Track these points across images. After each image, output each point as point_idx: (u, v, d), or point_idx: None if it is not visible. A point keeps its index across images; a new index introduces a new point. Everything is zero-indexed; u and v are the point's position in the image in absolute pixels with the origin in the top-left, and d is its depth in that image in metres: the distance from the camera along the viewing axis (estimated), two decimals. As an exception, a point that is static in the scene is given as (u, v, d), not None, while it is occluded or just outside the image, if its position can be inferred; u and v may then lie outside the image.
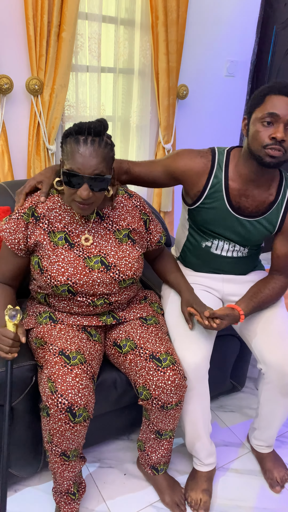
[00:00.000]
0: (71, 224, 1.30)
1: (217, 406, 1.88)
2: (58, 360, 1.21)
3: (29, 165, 2.04)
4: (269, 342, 1.38)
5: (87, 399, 1.18)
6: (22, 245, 1.28)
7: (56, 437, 1.17)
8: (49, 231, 1.28)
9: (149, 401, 1.27)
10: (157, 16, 2.11)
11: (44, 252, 1.27)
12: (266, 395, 1.42)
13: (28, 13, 1.79)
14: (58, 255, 1.27)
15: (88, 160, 1.13)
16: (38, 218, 1.27)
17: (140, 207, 1.39)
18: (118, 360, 1.36)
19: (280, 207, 1.40)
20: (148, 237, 1.42)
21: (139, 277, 1.37)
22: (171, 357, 1.28)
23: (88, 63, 2.10)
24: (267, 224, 1.42)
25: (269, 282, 1.45)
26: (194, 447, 1.45)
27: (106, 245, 1.31)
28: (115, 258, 1.30)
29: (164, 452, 1.42)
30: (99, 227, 1.32)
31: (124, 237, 1.34)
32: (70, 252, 1.28)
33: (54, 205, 1.30)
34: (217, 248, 1.49)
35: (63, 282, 1.25)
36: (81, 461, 1.30)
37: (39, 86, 1.93)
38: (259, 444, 1.55)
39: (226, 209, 1.39)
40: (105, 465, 1.57)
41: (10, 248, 1.28)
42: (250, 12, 2.58)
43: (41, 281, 1.28)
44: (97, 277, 1.27)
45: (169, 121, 2.40)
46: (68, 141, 1.16)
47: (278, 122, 1.20)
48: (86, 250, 1.29)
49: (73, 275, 1.26)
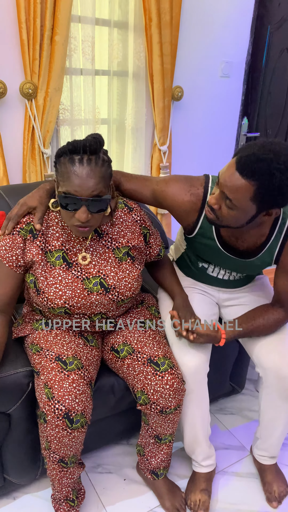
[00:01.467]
0: (68, 242, 1.25)
1: (217, 409, 1.86)
2: (55, 365, 1.20)
3: (24, 169, 2.03)
4: (265, 345, 1.36)
5: (84, 405, 1.17)
6: (22, 261, 1.23)
7: (54, 444, 1.16)
8: (46, 251, 1.23)
9: (148, 406, 1.26)
10: (151, 18, 2.10)
11: (39, 273, 1.23)
12: (266, 400, 1.40)
13: (20, 16, 1.78)
14: (55, 276, 1.23)
15: (86, 182, 1.07)
16: (36, 235, 1.22)
17: (140, 222, 1.35)
18: (116, 365, 1.35)
19: (274, 247, 1.31)
20: (148, 250, 1.40)
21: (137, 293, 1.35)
22: (169, 361, 1.27)
23: (82, 66, 2.09)
24: (261, 263, 1.37)
25: (267, 312, 1.37)
26: (193, 450, 1.44)
27: (106, 264, 1.27)
28: (114, 279, 1.26)
29: (164, 457, 1.41)
30: (98, 244, 1.28)
31: (124, 256, 1.30)
32: (68, 273, 1.23)
33: (51, 221, 1.25)
34: (213, 271, 1.48)
35: (60, 305, 1.22)
36: (80, 467, 1.28)
37: (33, 90, 1.92)
38: (262, 454, 1.52)
39: (219, 249, 1.36)
40: (105, 470, 1.56)
41: (8, 266, 1.22)
42: (244, 12, 2.57)
43: (37, 300, 1.25)
44: (96, 299, 1.25)
45: (165, 123, 2.39)
46: (62, 161, 1.10)
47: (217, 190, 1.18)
48: (85, 270, 1.25)
49: (71, 298, 1.22)
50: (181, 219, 1.37)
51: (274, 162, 1.05)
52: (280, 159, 1.05)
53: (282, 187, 1.07)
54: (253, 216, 1.15)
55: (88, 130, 2.22)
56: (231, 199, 1.12)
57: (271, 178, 1.06)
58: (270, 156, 1.05)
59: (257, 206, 1.12)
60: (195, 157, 2.77)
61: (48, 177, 2.10)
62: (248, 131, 2.92)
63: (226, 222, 1.19)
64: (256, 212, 1.14)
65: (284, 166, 1.05)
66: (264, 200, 1.10)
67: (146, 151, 2.47)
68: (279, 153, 1.06)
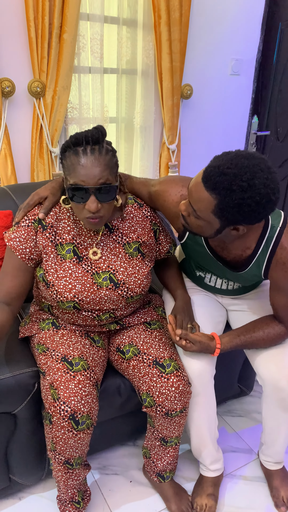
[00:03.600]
0: (79, 236, 1.25)
1: (224, 411, 1.84)
2: (61, 366, 1.19)
3: (33, 168, 2.03)
4: (264, 356, 1.32)
5: (90, 406, 1.16)
6: (34, 254, 1.22)
7: (59, 445, 1.15)
8: (56, 244, 1.23)
9: (153, 408, 1.24)
10: (160, 15, 2.08)
11: (50, 266, 1.22)
12: (266, 409, 1.37)
13: (29, 15, 1.77)
14: (65, 269, 1.22)
15: (91, 170, 1.07)
16: (46, 227, 1.22)
17: (150, 217, 1.35)
18: (122, 366, 1.33)
19: (261, 261, 1.24)
20: (158, 247, 1.39)
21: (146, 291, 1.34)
22: (175, 363, 1.26)
23: (91, 64, 2.08)
24: (251, 277, 1.31)
25: (268, 325, 1.30)
26: (200, 453, 1.42)
27: (116, 259, 1.26)
28: (124, 275, 1.26)
29: (170, 459, 1.39)
30: (108, 239, 1.27)
31: (134, 251, 1.29)
32: (78, 267, 1.23)
33: (63, 215, 1.25)
34: (211, 281, 1.45)
35: (69, 299, 1.21)
36: (86, 469, 1.28)
37: (41, 89, 1.91)
38: (267, 460, 1.50)
39: (209, 256, 1.31)
40: (111, 472, 1.55)
41: (20, 258, 1.21)
42: (255, 9, 2.54)
43: (46, 294, 1.25)
44: (105, 295, 1.24)
45: (174, 122, 2.37)
46: (67, 155, 1.10)
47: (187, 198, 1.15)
48: (95, 264, 1.24)
49: (80, 292, 1.21)
50: (172, 221, 1.33)
51: (237, 178, 0.98)
52: (244, 175, 0.98)
53: (242, 205, 1.00)
54: (218, 229, 1.10)
55: (96, 128, 2.20)
56: (195, 209, 1.08)
57: (231, 195, 1.00)
58: (234, 171, 0.99)
59: (220, 221, 1.07)
60: (204, 156, 2.74)
61: (56, 176, 2.10)
62: (258, 129, 2.88)
63: (195, 230, 1.16)
64: (220, 226, 1.09)
65: (247, 184, 0.98)
66: (225, 216, 1.04)
67: (154, 150, 2.45)
68: (245, 169, 0.98)
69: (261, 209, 1.01)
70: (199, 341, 1.24)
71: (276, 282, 1.24)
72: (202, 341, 1.24)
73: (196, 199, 1.07)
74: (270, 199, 1.01)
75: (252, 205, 1.00)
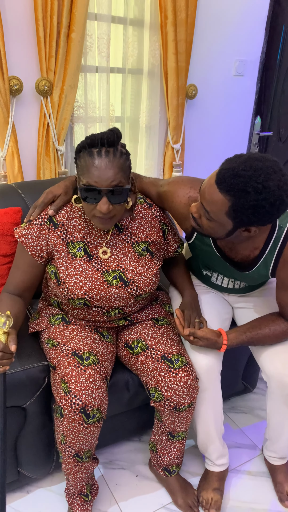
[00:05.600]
0: (90, 234, 1.27)
1: (228, 407, 1.86)
2: (71, 360, 1.20)
3: (39, 166, 2.04)
4: (269, 352, 1.34)
5: (100, 400, 1.17)
6: (45, 252, 1.24)
7: (70, 438, 1.17)
8: (67, 242, 1.24)
9: (161, 403, 1.26)
10: (166, 15, 2.10)
11: (61, 264, 1.24)
12: (271, 406, 1.39)
13: (37, 14, 1.79)
14: (76, 267, 1.24)
15: (105, 172, 1.09)
16: (57, 225, 1.24)
17: (159, 217, 1.36)
18: (130, 361, 1.35)
19: (268, 261, 1.26)
20: (166, 247, 1.41)
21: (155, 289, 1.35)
22: (183, 358, 1.28)
23: (97, 63, 2.09)
24: (258, 276, 1.33)
25: (274, 322, 1.31)
26: (206, 448, 1.44)
27: (125, 258, 1.28)
28: (133, 274, 1.27)
29: (177, 454, 1.41)
30: (117, 239, 1.29)
31: (143, 250, 1.31)
32: (89, 265, 1.25)
33: (74, 214, 1.26)
34: (217, 280, 1.47)
35: (80, 296, 1.23)
36: (94, 462, 1.29)
37: (49, 87, 1.93)
38: (271, 455, 1.52)
39: (217, 256, 1.34)
40: (117, 466, 1.57)
41: (31, 255, 1.24)
42: (259, 10, 2.56)
43: (57, 291, 1.27)
44: (115, 293, 1.26)
45: (178, 121, 2.39)
46: (81, 156, 1.12)
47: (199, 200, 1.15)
48: (105, 263, 1.26)
49: (91, 290, 1.23)
50: (180, 222, 1.34)
51: (252, 180, 0.99)
52: (259, 177, 0.99)
53: (256, 207, 1.02)
54: (230, 231, 1.12)
55: (102, 127, 2.22)
56: (208, 211, 1.10)
57: (246, 196, 1.01)
58: (249, 173, 1.00)
59: (233, 222, 1.09)
60: (208, 155, 2.76)
61: (62, 174, 2.11)
62: (260, 130, 2.90)
63: (206, 232, 1.17)
64: (233, 227, 1.11)
65: (262, 186, 0.99)
66: (239, 218, 1.06)
67: (159, 149, 2.47)
68: (259, 171, 1.00)
69: (274, 210, 1.03)
70: (207, 338, 1.26)
71: (283, 281, 1.26)
72: (210, 337, 1.26)
73: (210, 201, 1.08)
74: (283, 200, 1.02)
75: (266, 207, 1.01)
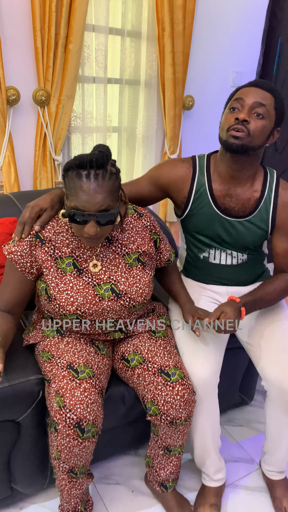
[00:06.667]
0: (78, 248, 1.25)
1: (225, 420, 1.84)
2: (66, 374, 1.19)
3: (35, 176, 2.04)
4: (269, 358, 1.34)
5: (96, 414, 1.15)
6: (34, 269, 1.23)
7: (64, 453, 1.14)
8: (56, 257, 1.23)
9: (158, 417, 1.24)
10: (164, 27, 2.12)
11: (51, 280, 1.22)
12: (270, 414, 1.38)
13: (35, 25, 1.80)
14: (66, 283, 1.22)
15: (93, 197, 1.07)
16: (44, 241, 1.22)
17: (150, 227, 1.35)
18: (126, 374, 1.33)
19: (268, 203, 1.38)
20: (158, 256, 1.40)
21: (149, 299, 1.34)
22: (180, 372, 1.26)
23: (95, 74, 2.10)
24: (259, 223, 1.40)
25: (274, 281, 1.42)
26: (203, 462, 1.42)
27: (116, 270, 1.27)
28: (125, 285, 1.26)
29: (173, 469, 1.39)
30: (108, 251, 1.27)
31: (134, 261, 1.29)
32: (79, 280, 1.23)
33: (61, 228, 1.24)
34: (215, 257, 1.47)
35: (72, 312, 1.22)
36: (89, 478, 1.27)
37: (46, 97, 1.93)
38: (270, 469, 1.50)
39: (214, 212, 1.39)
40: (112, 481, 1.54)
41: (21, 271, 1.22)
42: (256, 23, 2.59)
43: (49, 307, 1.25)
44: (107, 306, 1.24)
45: (175, 132, 2.40)
46: (70, 175, 1.09)
47: (243, 107, 1.27)
48: (95, 276, 1.25)
49: (83, 305, 1.22)
50: (177, 191, 1.42)
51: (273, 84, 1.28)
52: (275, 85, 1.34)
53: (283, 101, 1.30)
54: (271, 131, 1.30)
55: (99, 138, 2.22)
56: (264, 104, 1.26)
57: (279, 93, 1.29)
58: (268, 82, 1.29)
59: (275, 118, 1.29)
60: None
61: (59, 184, 2.11)
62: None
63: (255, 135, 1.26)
64: (274, 125, 1.30)
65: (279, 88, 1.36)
66: (280, 111, 1.29)
67: (156, 160, 2.47)
68: None
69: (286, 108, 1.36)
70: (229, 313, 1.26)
71: (284, 225, 1.39)
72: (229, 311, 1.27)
73: (263, 97, 1.26)
74: None
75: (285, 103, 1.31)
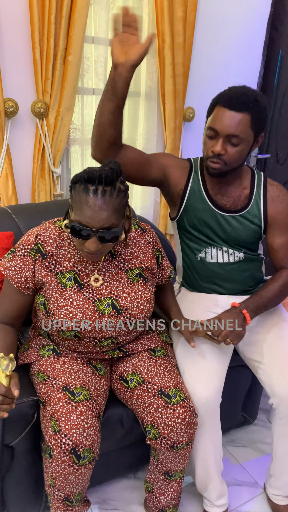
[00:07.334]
0: (80, 262, 1.21)
1: (228, 441, 1.78)
2: (62, 396, 1.13)
3: (34, 188, 2.01)
4: (277, 371, 1.29)
5: (92, 439, 1.10)
6: (31, 283, 1.19)
7: (59, 481, 1.09)
8: (56, 272, 1.19)
9: (158, 441, 1.19)
10: (164, 39, 2.10)
11: (50, 294, 1.18)
12: (278, 433, 1.32)
13: (34, 37, 1.78)
14: (66, 298, 1.18)
15: (98, 214, 1.04)
16: (46, 256, 1.18)
17: (153, 243, 1.33)
18: (125, 395, 1.28)
19: (258, 199, 1.42)
20: (160, 273, 1.37)
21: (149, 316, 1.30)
22: (181, 393, 1.21)
23: (94, 86, 2.08)
24: (252, 218, 1.42)
25: (279, 276, 1.42)
26: (206, 487, 1.36)
27: (118, 285, 1.23)
28: (127, 300, 1.22)
29: (174, 494, 1.33)
30: (110, 265, 1.24)
31: (136, 276, 1.26)
32: (80, 295, 1.19)
33: (63, 242, 1.21)
34: (212, 256, 1.45)
35: (70, 328, 1.17)
36: (85, 505, 1.21)
37: (45, 109, 1.90)
38: (276, 493, 1.44)
39: (209, 207, 1.42)
40: (110, 506, 1.47)
41: (17, 287, 1.19)
42: (256, 35, 2.58)
43: (47, 323, 1.21)
44: (107, 322, 1.20)
45: (176, 144, 2.37)
46: (77, 188, 1.06)
47: (218, 137, 1.27)
48: (96, 291, 1.21)
49: (82, 321, 1.17)
50: (176, 180, 1.43)
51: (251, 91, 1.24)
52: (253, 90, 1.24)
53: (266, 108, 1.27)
54: (251, 146, 1.30)
55: (98, 149, 2.19)
56: (238, 134, 1.24)
57: (258, 104, 1.23)
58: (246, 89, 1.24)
59: (254, 133, 1.28)
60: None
61: (57, 196, 2.07)
62: (258, 152, 2.89)
63: (232, 162, 1.29)
64: (253, 139, 1.29)
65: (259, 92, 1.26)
66: (259, 124, 1.27)
67: (156, 171, 2.44)
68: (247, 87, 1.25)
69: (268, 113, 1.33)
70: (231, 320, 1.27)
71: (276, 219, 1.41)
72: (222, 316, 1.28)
73: (235, 125, 1.23)
74: None
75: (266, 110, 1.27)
